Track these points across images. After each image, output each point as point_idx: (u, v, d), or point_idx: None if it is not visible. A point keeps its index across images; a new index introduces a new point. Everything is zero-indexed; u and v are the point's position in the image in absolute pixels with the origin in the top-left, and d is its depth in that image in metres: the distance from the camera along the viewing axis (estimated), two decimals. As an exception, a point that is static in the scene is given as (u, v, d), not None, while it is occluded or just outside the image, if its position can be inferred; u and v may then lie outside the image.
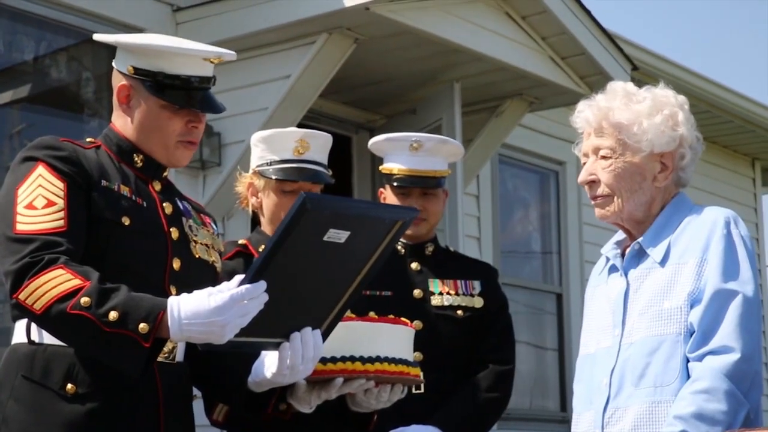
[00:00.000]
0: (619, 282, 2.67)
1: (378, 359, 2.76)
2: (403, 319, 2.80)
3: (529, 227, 8.73)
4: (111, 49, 2.78)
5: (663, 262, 2.59)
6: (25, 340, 2.55)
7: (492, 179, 8.04)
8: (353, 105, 7.16)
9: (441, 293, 3.71)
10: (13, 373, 2.53)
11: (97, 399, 2.50)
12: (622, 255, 2.72)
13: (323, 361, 2.83)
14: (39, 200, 2.51)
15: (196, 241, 2.77)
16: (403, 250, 3.78)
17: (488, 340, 3.69)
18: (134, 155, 2.71)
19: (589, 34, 6.87)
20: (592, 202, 2.68)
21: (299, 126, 5.11)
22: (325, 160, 3.44)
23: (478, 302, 3.72)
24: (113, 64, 2.74)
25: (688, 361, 2.50)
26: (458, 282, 3.73)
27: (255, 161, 3.44)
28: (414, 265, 3.76)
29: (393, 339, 2.81)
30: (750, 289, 2.51)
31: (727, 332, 2.46)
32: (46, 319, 2.40)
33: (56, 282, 2.39)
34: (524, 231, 8.71)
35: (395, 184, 3.74)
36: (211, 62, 2.69)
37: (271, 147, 3.38)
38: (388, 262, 3.75)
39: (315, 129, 3.55)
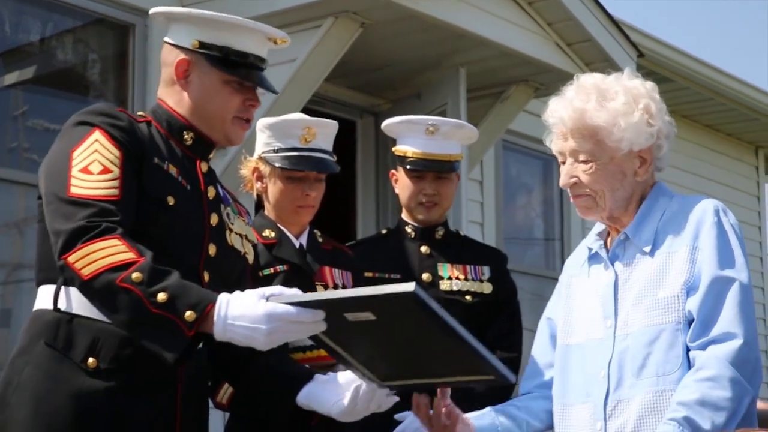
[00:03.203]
0: (605, 273, 2.66)
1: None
2: None
3: (531, 213, 8.74)
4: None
5: (651, 251, 2.58)
6: (50, 306, 2.50)
7: (496, 165, 8.04)
8: (358, 89, 7.16)
9: (450, 278, 3.71)
10: (35, 338, 2.49)
11: (117, 376, 2.47)
12: (605, 246, 2.71)
13: None
14: (95, 165, 2.46)
15: (231, 230, 2.75)
16: (413, 234, 3.78)
17: (496, 327, 3.69)
18: (184, 132, 2.66)
19: (596, 21, 6.86)
20: (573, 201, 2.66)
21: (304, 110, 5.11)
22: (330, 148, 3.45)
23: (486, 288, 3.72)
24: (167, 39, 2.69)
25: (688, 349, 2.50)
26: (467, 267, 3.74)
27: (260, 147, 3.44)
28: (423, 249, 3.76)
29: None
30: (744, 276, 2.52)
31: (728, 319, 2.46)
32: (91, 286, 2.34)
33: (110, 251, 2.34)
34: (527, 217, 8.71)
35: (409, 167, 3.73)
36: (275, 43, 2.70)
37: (277, 134, 3.38)
38: (398, 244, 3.79)
39: (320, 113, 3.56)
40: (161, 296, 2.30)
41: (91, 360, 2.46)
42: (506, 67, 6.88)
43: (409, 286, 2.09)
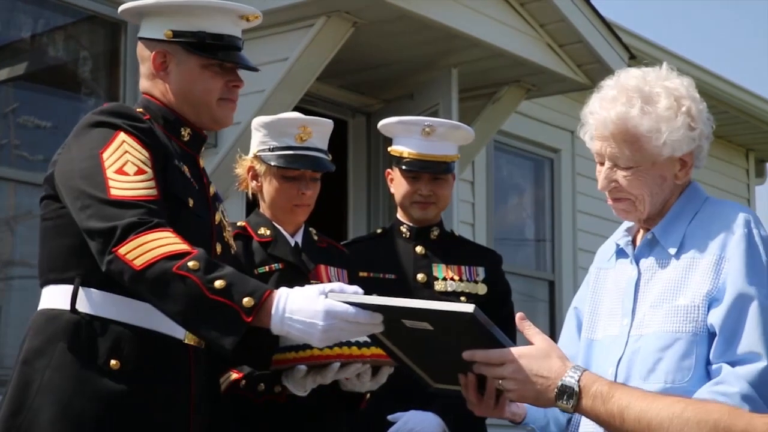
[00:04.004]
0: (629, 270, 2.61)
1: (373, 344, 2.77)
2: None
3: (523, 214, 8.74)
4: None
5: (677, 254, 2.52)
6: (64, 307, 2.48)
7: (487, 166, 8.04)
8: (350, 89, 7.15)
9: (445, 278, 3.69)
10: (53, 340, 2.47)
11: (139, 377, 2.47)
12: (633, 242, 2.65)
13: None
14: (129, 166, 2.43)
15: (225, 227, 2.77)
16: (408, 234, 3.77)
17: None
18: (181, 129, 2.67)
19: (588, 22, 6.87)
20: (612, 204, 2.59)
21: (296, 109, 5.10)
22: (325, 146, 3.44)
23: (481, 289, 3.71)
24: (141, 35, 2.70)
25: (707, 363, 2.43)
26: (462, 268, 3.72)
27: (256, 146, 3.43)
28: (418, 249, 3.75)
29: None
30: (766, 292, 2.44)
31: (753, 339, 2.39)
32: (144, 276, 2.30)
33: (164, 242, 2.32)
34: (518, 218, 8.71)
35: (404, 167, 3.72)
36: (248, 20, 2.70)
37: (272, 133, 3.38)
38: (393, 244, 3.79)
39: (311, 112, 3.55)
40: (219, 283, 2.27)
41: (114, 362, 2.45)
42: (498, 68, 6.88)
43: (469, 308, 2.11)
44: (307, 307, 2.24)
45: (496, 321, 3.64)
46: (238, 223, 3.42)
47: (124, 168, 2.43)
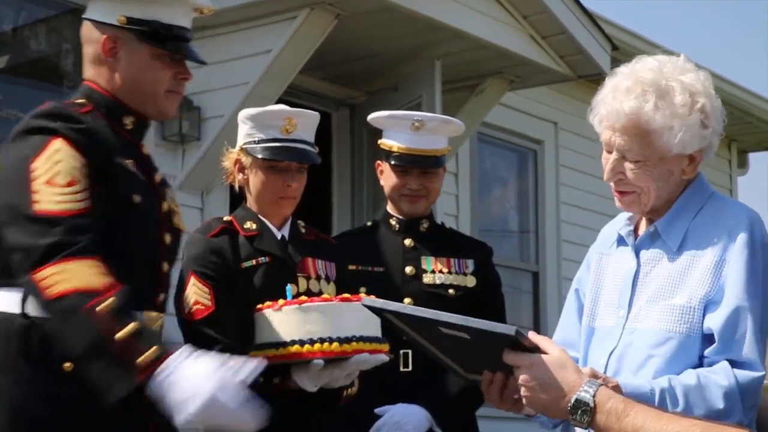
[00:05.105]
0: (628, 260, 2.59)
1: (355, 339, 2.89)
2: (362, 295, 2.76)
3: (506, 206, 8.76)
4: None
5: (678, 249, 2.51)
6: (16, 311, 2.45)
7: (471, 157, 8.04)
8: (334, 81, 7.14)
9: (433, 271, 3.68)
10: (4, 344, 2.44)
11: None
12: (634, 230, 2.64)
13: (340, 341, 2.92)
14: (60, 177, 2.37)
15: (175, 211, 2.71)
16: (397, 226, 3.76)
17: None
18: (124, 117, 2.62)
19: (570, 14, 6.87)
20: (616, 195, 2.57)
21: (279, 102, 5.09)
22: (312, 139, 3.44)
23: (470, 281, 3.70)
24: (89, 16, 2.65)
25: (698, 365, 2.43)
26: (451, 260, 3.70)
27: (242, 138, 3.42)
28: (407, 242, 3.74)
29: (359, 317, 2.89)
30: (762, 302, 2.44)
31: (751, 348, 2.40)
32: (53, 306, 2.28)
33: (83, 273, 2.28)
34: (502, 209, 8.73)
35: (393, 162, 3.70)
36: (201, 12, 2.68)
37: (258, 125, 3.37)
38: (382, 236, 3.79)
39: (295, 105, 3.53)
40: (123, 331, 2.25)
41: (67, 364, 2.41)
42: (482, 60, 6.88)
43: (510, 330, 2.09)
44: (196, 380, 2.21)
45: (485, 313, 3.69)
46: (225, 218, 3.42)
47: (55, 179, 2.37)
